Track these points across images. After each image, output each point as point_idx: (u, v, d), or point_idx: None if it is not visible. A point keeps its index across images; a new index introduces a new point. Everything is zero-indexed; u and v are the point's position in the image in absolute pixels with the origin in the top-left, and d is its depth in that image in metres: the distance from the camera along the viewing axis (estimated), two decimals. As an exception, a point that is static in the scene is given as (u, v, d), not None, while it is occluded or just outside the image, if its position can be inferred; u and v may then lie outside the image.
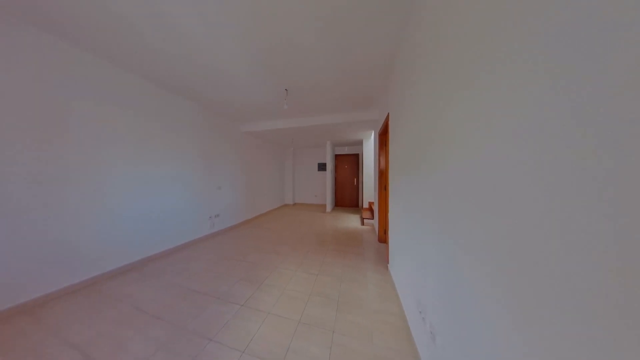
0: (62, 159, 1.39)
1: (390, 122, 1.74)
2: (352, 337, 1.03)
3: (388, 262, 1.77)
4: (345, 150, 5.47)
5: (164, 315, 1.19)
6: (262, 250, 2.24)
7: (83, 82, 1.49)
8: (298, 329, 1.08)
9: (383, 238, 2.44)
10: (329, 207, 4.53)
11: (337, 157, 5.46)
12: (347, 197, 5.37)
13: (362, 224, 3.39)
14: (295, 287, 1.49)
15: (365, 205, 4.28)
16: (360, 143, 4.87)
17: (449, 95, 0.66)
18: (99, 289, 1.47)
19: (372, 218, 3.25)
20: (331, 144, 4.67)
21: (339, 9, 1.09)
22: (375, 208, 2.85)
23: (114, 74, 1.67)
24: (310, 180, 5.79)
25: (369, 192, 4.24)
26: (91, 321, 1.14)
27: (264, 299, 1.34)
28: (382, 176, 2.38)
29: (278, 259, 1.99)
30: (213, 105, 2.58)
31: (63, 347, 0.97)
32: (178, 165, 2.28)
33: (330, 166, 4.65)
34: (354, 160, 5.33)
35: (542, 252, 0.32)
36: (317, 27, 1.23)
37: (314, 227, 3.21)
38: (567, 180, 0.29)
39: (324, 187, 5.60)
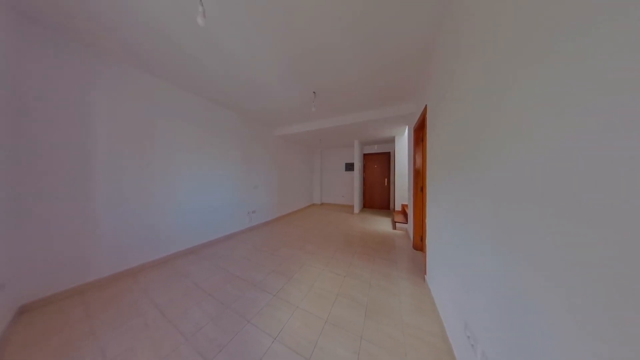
0: (151, 164, 1.85)
1: (428, 115, 1.54)
2: (382, 348, 0.97)
3: (425, 274, 1.58)
4: (375, 149, 5.18)
5: (214, 293, 1.42)
6: (291, 246, 2.38)
7: (163, 104, 1.95)
8: (325, 327, 1.10)
9: (419, 245, 2.19)
10: (356, 208, 4.40)
11: (366, 157, 5.23)
12: (376, 198, 5.08)
13: (394, 227, 3.14)
14: (323, 285, 1.52)
15: (398, 207, 3.94)
16: (392, 141, 4.52)
17: (511, 74, 0.53)
18: (171, 265, 1.88)
19: (406, 222, 2.97)
20: (359, 143, 4.52)
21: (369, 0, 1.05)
22: (410, 211, 2.58)
23: (180, 95, 2.11)
24: (338, 181, 5.76)
25: (401, 193, 3.88)
26: (167, 289, 1.47)
27: (293, 293, 1.42)
28: (418, 176, 2.14)
29: (306, 256, 2.06)
30: (251, 114, 2.91)
31: (150, 306, 1.29)
32: (224, 167, 2.68)
33: (358, 166, 4.51)
34: (384, 159, 4.99)
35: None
36: (346, 23, 1.21)
37: (341, 228, 3.18)
38: None
39: (351, 187, 5.47)
